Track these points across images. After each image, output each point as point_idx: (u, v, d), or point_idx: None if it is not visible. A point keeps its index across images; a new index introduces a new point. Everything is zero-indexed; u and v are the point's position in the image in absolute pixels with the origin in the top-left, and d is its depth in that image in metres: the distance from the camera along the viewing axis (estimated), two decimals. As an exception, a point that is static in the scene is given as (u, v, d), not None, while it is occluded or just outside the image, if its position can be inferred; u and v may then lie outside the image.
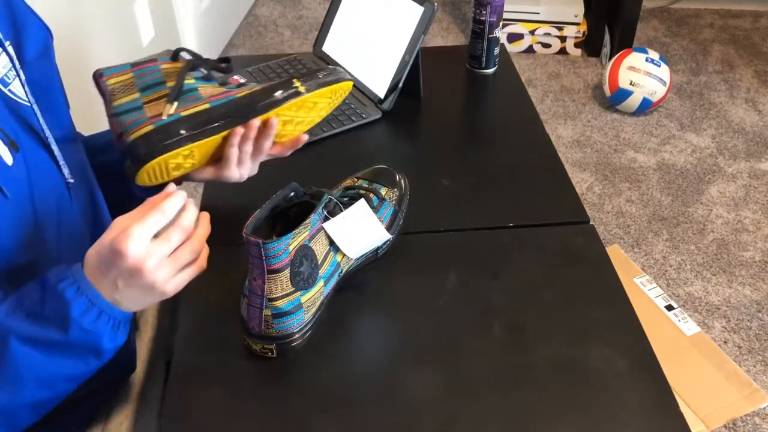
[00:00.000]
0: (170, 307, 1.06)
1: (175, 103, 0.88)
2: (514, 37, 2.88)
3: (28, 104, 0.82)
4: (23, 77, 0.82)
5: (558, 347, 0.83)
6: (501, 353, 0.83)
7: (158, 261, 0.71)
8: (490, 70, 1.34)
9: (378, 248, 0.95)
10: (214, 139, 0.88)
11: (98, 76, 0.93)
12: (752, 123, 2.54)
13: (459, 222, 1.02)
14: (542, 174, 1.11)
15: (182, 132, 0.86)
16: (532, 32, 2.86)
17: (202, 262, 0.76)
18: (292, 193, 0.85)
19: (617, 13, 2.70)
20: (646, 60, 2.47)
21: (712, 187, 2.27)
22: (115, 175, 0.94)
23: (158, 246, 0.71)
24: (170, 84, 0.90)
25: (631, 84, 2.47)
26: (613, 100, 2.55)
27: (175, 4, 2.40)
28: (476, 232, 1.01)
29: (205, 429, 0.76)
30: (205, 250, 0.76)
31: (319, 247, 0.84)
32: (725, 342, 1.79)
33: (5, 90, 0.80)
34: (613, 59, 2.53)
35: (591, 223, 1.01)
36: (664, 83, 2.47)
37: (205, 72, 0.95)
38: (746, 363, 1.73)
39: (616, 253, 1.80)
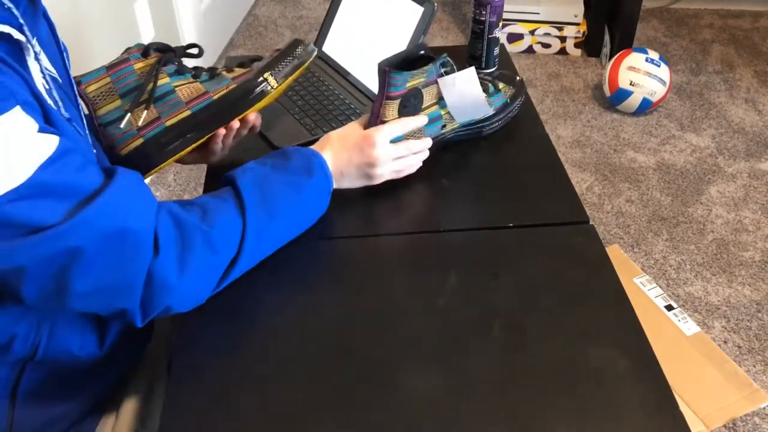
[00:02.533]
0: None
1: (154, 109, 0.95)
2: (514, 37, 2.88)
3: (64, 77, 0.86)
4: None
5: (558, 347, 0.83)
6: (501, 353, 0.83)
7: (386, 159, 1.00)
8: (490, 71, 1.34)
9: (483, 126, 1.15)
10: (200, 142, 1.00)
11: (77, 84, 0.95)
12: (752, 123, 2.54)
13: (459, 222, 1.02)
14: (542, 174, 1.11)
15: (171, 143, 0.97)
16: (532, 32, 2.86)
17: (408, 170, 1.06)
18: (422, 52, 1.05)
19: (617, 13, 2.70)
20: (646, 60, 2.47)
21: (712, 187, 2.27)
22: None
23: (393, 149, 1.00)
24: (149, 87, 0.96)
25: (631, 84, 2.47)
26: (613, 100, 2.55)
27: (175, 4, 2.40)
28: (476, 232, 1.01)
29: (206, 428, 0.76)
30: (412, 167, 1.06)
31: (429, 96, 1.05)
32: (725, 342, 1.79)
33: (56, 77, 0.82)
34: (613, 59, 2.54)
35: (591, 223, 1.01)
36: (664, 83, 2.47)
37: (176, 65, 0.99)
38: (746, 363, 1.73)
39: (616, 253, 1.80)
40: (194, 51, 1.02)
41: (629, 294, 0.90)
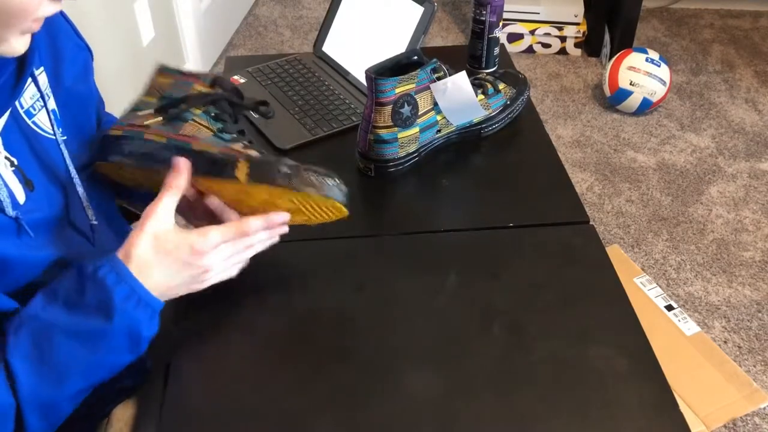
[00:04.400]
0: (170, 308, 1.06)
1: (159, 118, 0.86)
2: (514, 37, 2.88)
3: (53, 137, 0.81)
4: (51, 107, 0.81)
5: (558, 347, 0.83)
6: (501, 353, 0.83)
7: (219, 266, 0.79)
8: (490, 71, 1.34)
9: (482, 128, 1.15)
10: (151, 173, 0.85)
11: (156, 72, 0.91)
12: (752, 123, 2.54)
13: (459, 222, 1.02)
14: (542, 174, 1.11)
15: (127, 150, 0.85)
16: (532, 32, 2.86)
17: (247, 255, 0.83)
18: (415, 57, 1.05)
19: (617, 13, 2.70)
20: (646, 60, 2.47)
21: (712, 187, 2.27)
22: None
23: (225, 250, 0.79)
24: (185, 106, 0.87)
25: (631, 84, 2.47)
26: (613, 100, 2.55)
27: (175, 4, 2.40)
28: (476, 232, 1.01)
29: (204, 429, 0.76)
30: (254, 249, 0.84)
31: (424, 102, 1.05)
32: (725, 342, 1.79)
33: (29, 122, 0.79)
34: (613, 59, 2.53)
35: (591, 223, 1.01)
36: (664, 83, 2.47)
37: (224, 120, 0.87)
38: (746, 363, 1.73)
39: (616, 253, 1.80)
40: (262, 108, 0.91)
41: (629, 294, 0.90)
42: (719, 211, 2.18)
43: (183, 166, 0.79)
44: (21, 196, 0.75)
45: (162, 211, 0.76)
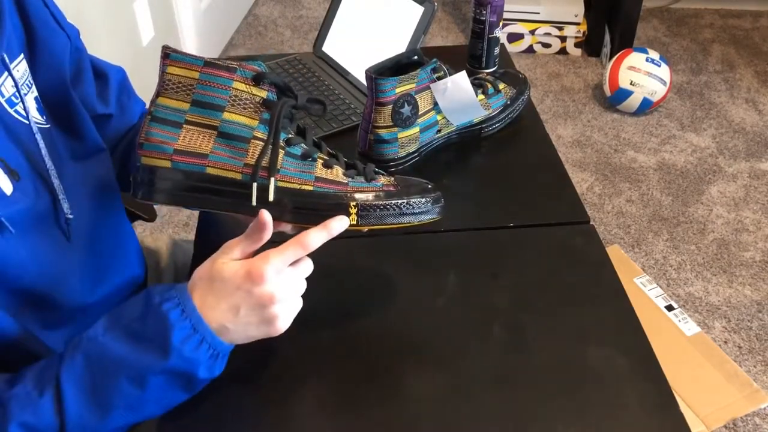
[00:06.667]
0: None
1: (215, 141, 0.75)
2: (514, 37, 2.88)
3: (34, 126, 0.78)
4: (35, 95, 0.80)
5: (558, 347, 0.83)
6: (501, 353, 0.83)
7: (288, 294, 0.72)
8: (490, 70, 1.34)
9: (483, 128, 1.14)
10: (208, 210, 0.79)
11: (164, 56, 0.76)
12: (752, 123, 2.54)
13: (459, 222, 1.02)
14: (542, 174, 1.11)
15: (188, 192, 0.76)
16: (532, 32, 2.86)
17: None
18: (415, 57, 1.04)
19: (617, 12, 2.70)
20: (647, 60, 2.47)
21: (712, 187, 2.27)
22: None
23: (292, 279, 0.72)
24: (229, 115, 0.75)
25: (631, 84, 2.47)
26: (614, 100, 2.55)
27: (175, 4, 2.40)
28: (476, 232, 1.00)
29: (204, 429, 0.76)
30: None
31: (424, 102, 1.05)
32: (725, 342, 1.79)
33: (11, 111, 0.77)
34: (614, 59, 2.53)
35: (591, 223, 1.01)
36: (665, 83, 2.47)
37: (291, 131, 0.78)
38: (746, 363, 1.73)
39: (616, 253, 1.80)
40: (316, 106, 0.79)
41: (629, 294, 0.90)
42: (719, 211, 2.18)
43: (267, 221, 0.71)
44: (8, 188, 0.73)
45: (230, 245, 0.72)
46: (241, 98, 0.74)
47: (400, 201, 0.79)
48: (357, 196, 0.77)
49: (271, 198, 0.75)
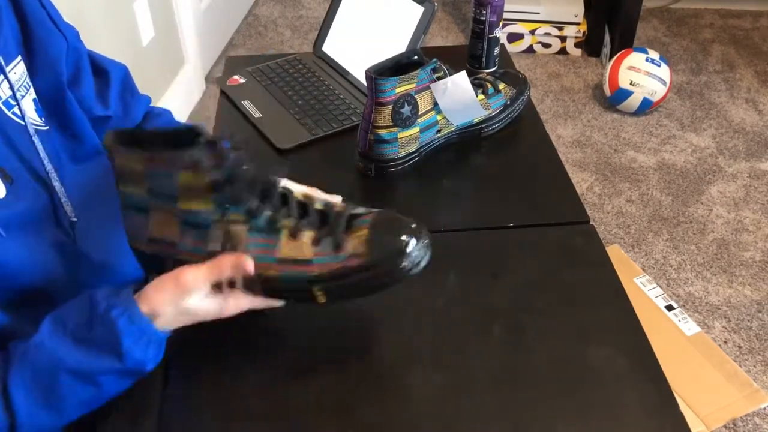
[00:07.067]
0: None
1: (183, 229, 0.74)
2: (514, 37, 2.88)
3: (31, 128, 0.78)
4: (32, 96, 0.79)
5: (558, 347, 0.83)
6: (501, 353, 0.83)
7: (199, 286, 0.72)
8: (490, 71, 1.34)
9: (482, 128, 1.14)
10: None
11: (113, 151, 0.74)
12: (752, 123, 2.54)
13: (459, 222, 1.02)
14: (542, 174, 1.11)
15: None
16: (532, 32, 2.86)
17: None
18: (415, 57, 1.04)
19: (617, 12, 2.70)
20: (647, 60, 2.47)
21: (712, 187, 2.27)
22: None
23: (206, 271, 0.72)
24: (183, 205, 0.72)
25: (631, 84, 2.47)
26: (613, 100, 2.55)
27: (175, 4, 2.40)
28: (476, 232, 1.00)
29: (204, 429, 0.76)
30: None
31: (424, 102, 1.04)
32: (725, 342, 1.79)
33: (8, 113, 0.77)
34: (614, 59, 2.53)
35: (591, 223, 1.01)
36: (665, 83, 2.47)
37: (253, 198, 0.74)
38: (746, 363, 1.73)
39: (616, 253, 1.80)
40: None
41: (629, 294, 0.90)
42: (719, 211, 2.18)
43: (249, 268, 0.72)
44: (0, 190, 0.73)
45: (190, 269, 0.71)
46: (189, 186, 0.71)
47: (367, 275, 0.73)
48: (321, 275, 0.73)
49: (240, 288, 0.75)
